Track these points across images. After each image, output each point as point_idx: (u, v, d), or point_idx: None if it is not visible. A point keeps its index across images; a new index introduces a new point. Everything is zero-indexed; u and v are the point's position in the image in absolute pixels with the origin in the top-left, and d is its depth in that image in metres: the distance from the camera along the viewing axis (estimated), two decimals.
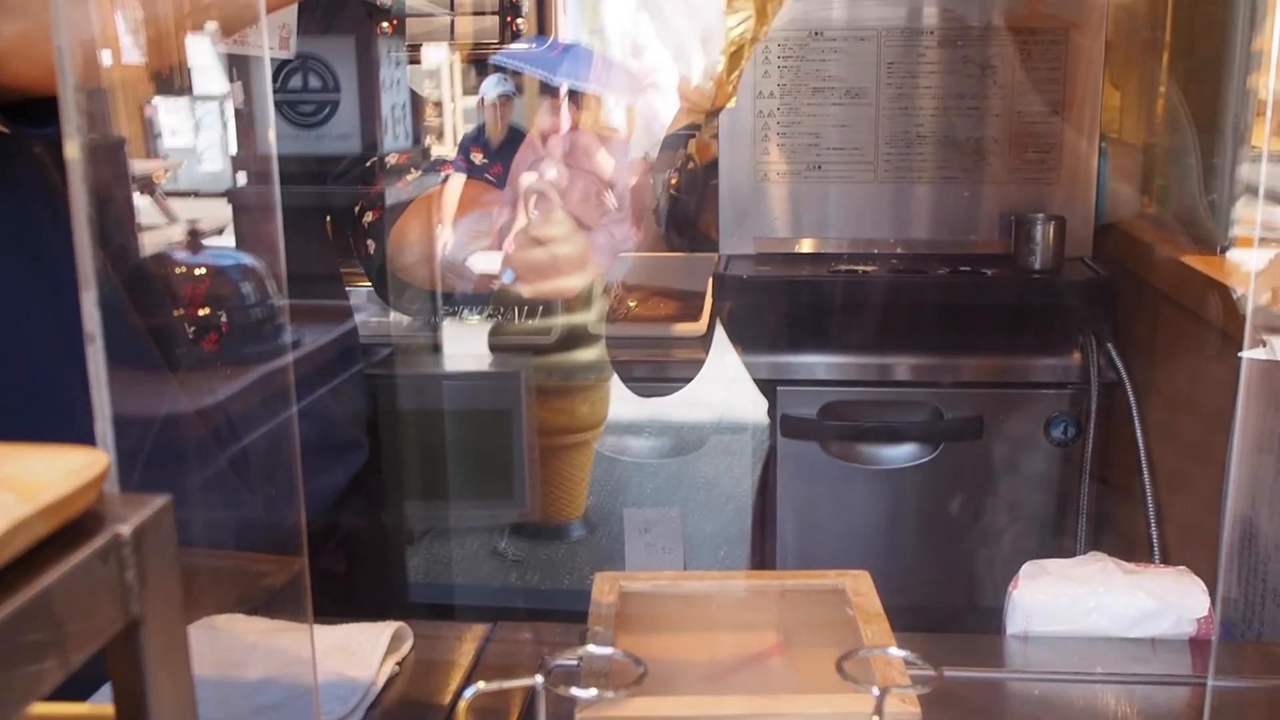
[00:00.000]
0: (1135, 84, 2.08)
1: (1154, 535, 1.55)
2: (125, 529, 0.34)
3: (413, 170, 1.34)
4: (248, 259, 0.69)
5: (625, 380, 1.80)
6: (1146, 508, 1.57)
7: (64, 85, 0.54)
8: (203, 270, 0.67)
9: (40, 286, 0.74)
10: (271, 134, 0.66)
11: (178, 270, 0.67)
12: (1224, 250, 1.50)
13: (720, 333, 1.78)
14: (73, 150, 0.55)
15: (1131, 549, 1.63)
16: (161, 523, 0.36)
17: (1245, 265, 1.44)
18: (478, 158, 5.17)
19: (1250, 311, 1.17)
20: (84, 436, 0.43)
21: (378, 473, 1.18)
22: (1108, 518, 1.74)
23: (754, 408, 1.77)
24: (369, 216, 1.20)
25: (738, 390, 1.74)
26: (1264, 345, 1.31)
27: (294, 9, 1.06)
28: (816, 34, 1.74)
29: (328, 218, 1.31)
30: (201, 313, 0.66)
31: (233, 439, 0.73)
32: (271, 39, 1.06)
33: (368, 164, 1.27)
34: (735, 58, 0.72)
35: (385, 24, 1.88)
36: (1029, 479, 1.72)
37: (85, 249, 0.54)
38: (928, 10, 1.75)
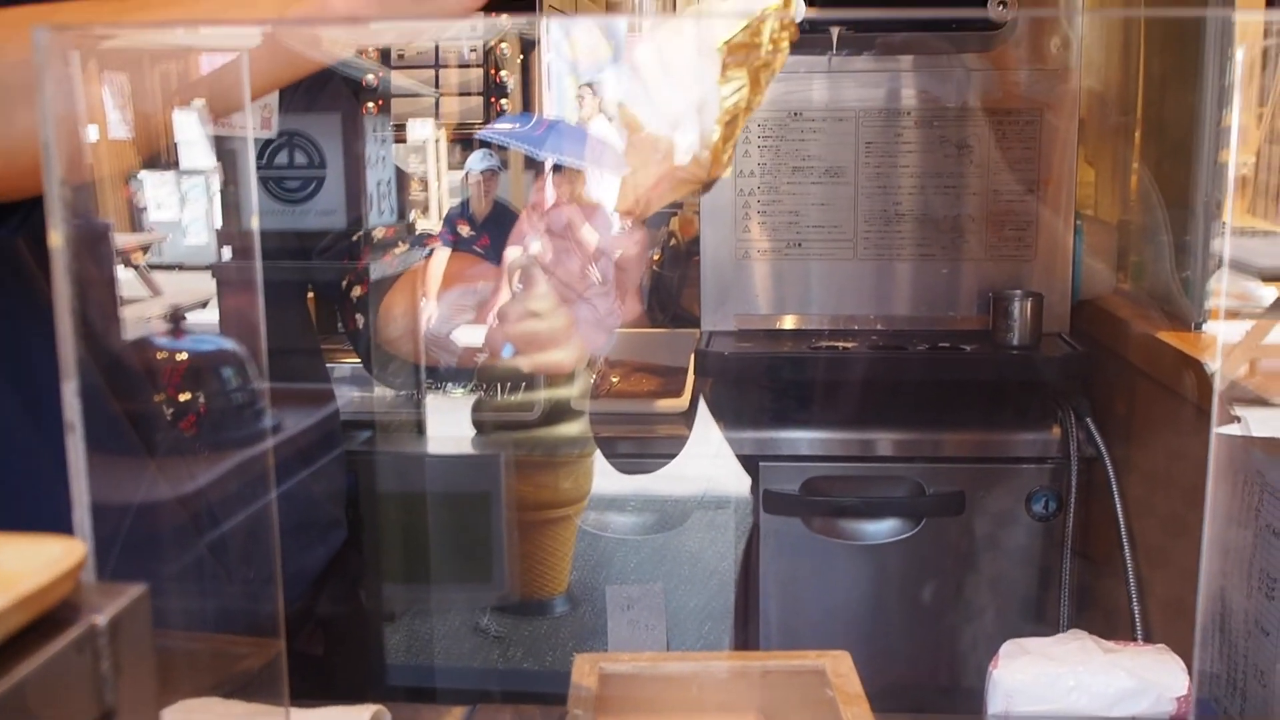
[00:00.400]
0: (1109, 162, 2.12)
1: (1136, 611, 1.55)
2: (101, 619, 0.34)
3: (400, 244, 1.35)
4: (228, 343, 0.70)
5: (608, 456, 1.81)
6: (1128, 583, 1.57)
7: (50, 181, 0.54)
8: (183, 355, 0.68)
9: (15, 372, 0.74)
10: (255, 220, 0.67)
11: (158, 355, 0.67)
12: (1198, 326, 1.52)
13: (703, 409, 1.79)
14: (56, 239, 0.56)
15: (1114, 624, 1.63)
16: (137, 612, 0.36)
17: (1218, 341, 1.46)
18: (464, 230, 5.21)
19: (1217, 388, 1.19)
20: (61, 520, 0.43)
21: (358, 552, 1.18)
22: (1090, 593, 1.74)
23: (737, 483, 1.77)
24: (357, 291, 1.21)
25: (720, 466, 1.75)
26: (1237, 421, 1.32)
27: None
28: (796, 114, 1.77)
29: (310, 294, 1.32)
30: (182, 397, 0.67)
31: (211, 524, 0.73)
32: (254, 118, 1.08)
33: (354, 238, 1.28)
34: (730, 127, 0.73)
35: (371, 104, 1.90)
36: (1011, 554, 1.72)
37: (68, 340, 0.55)
38: (905, 91, 1.79)
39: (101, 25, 0.62)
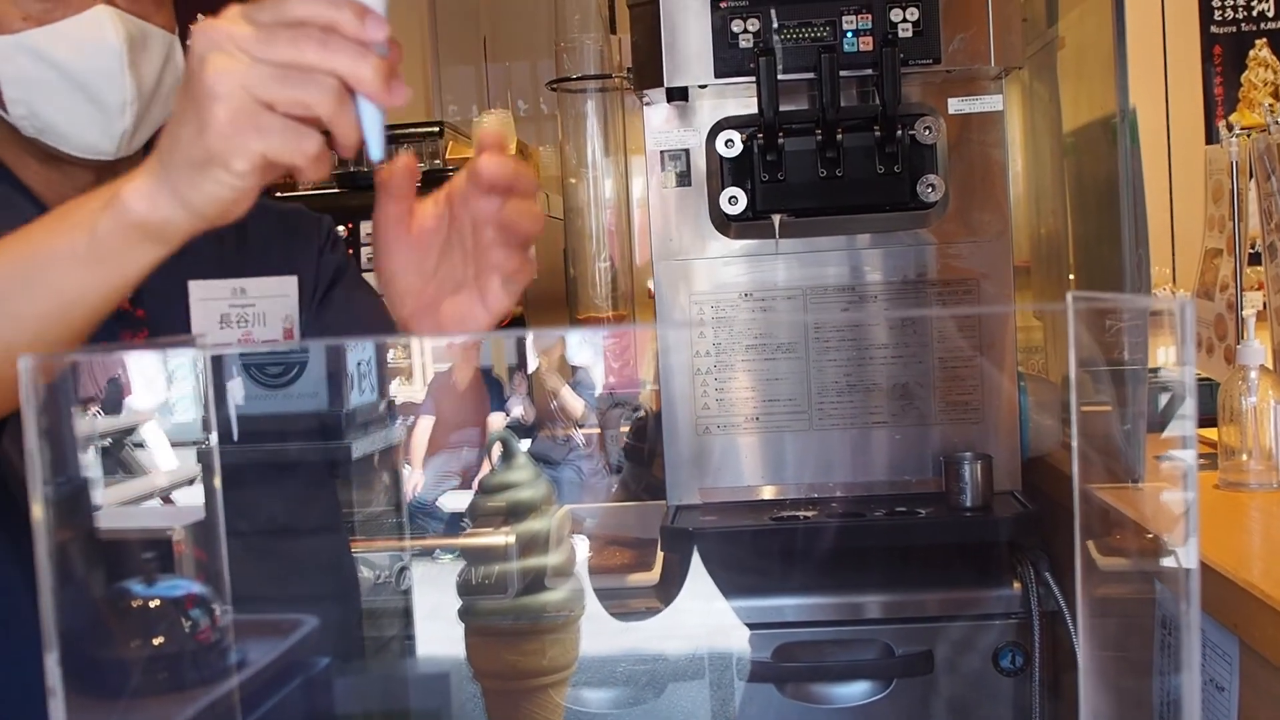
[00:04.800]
0: (1050, 317, 2.22)
1: None
2: None
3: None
4: (196, 587, 0.76)
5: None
6: None
7: (34, 480, 0.61)
8: (156, 602, 0.74)
9: None
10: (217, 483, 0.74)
11: (133, 604, 0.73)
12: (1135, 481, 1.59)
13: (671, 579, 1.84)
14: (38, 511, 0.62)
15: None
16: None
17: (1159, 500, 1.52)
18: (446, 399, 5.28)
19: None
20: None
21: None
22: None
23: (711, 652, 1.81)
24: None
25: (694, 636, 1.79)
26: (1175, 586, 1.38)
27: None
28: (746, 295, 1.87)
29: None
30: (155, 643, 0.73)
31: None
32: (276, 330, 1.15)
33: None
34: None
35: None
36: (981, 711, 1.75)
37: (49, 613, 0.61)
38: (849, 269, 1.89)
39: None
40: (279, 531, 1.21)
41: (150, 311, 1.07)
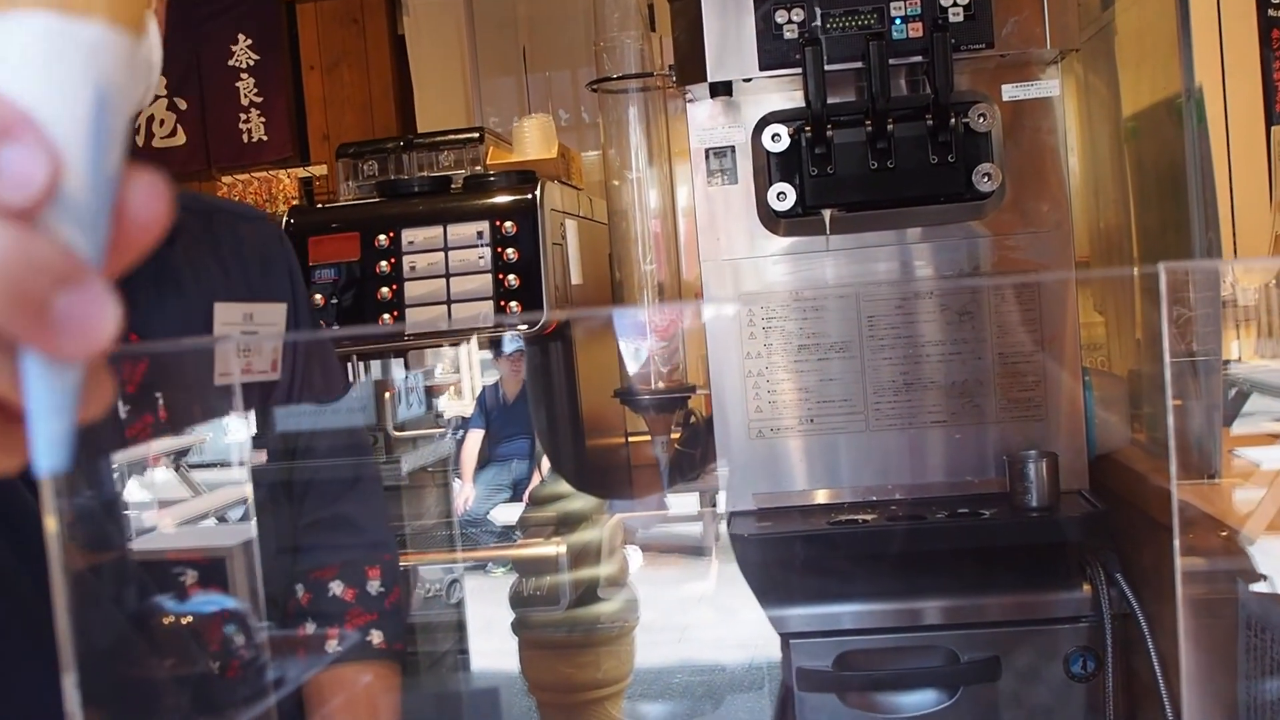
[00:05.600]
0: (1114, 312, 2.15)
1: None
2: None
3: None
4: (232, 602, 0.73)
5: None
6: None
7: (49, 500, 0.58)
8: (189, 619, 0.71)
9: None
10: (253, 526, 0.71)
11: (165, 621, 0.70)
12: (1211, 477, 1.52)
13: (726, 587, 1.79)
14: (52, 524, 0.59)
15: None
16: None
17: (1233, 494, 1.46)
18: (495, 412, 5.28)
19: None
20: None
21: None
22: None
23: (769, 662, 1.76)
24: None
25: (751, 645, 1.74)
26: (1263, 579, 1.31)
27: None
28: (798, 295, 1.82)
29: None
30: (186, 661, 0.70)
31: None
32: (266, 363, 1.12)
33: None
34: None
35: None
36: (1051, 717, 1.69)
37: (65, 634, 0.57)
38: (902, 264, 1.84)
39: None
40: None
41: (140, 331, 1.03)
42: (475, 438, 5.10)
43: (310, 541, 1.02)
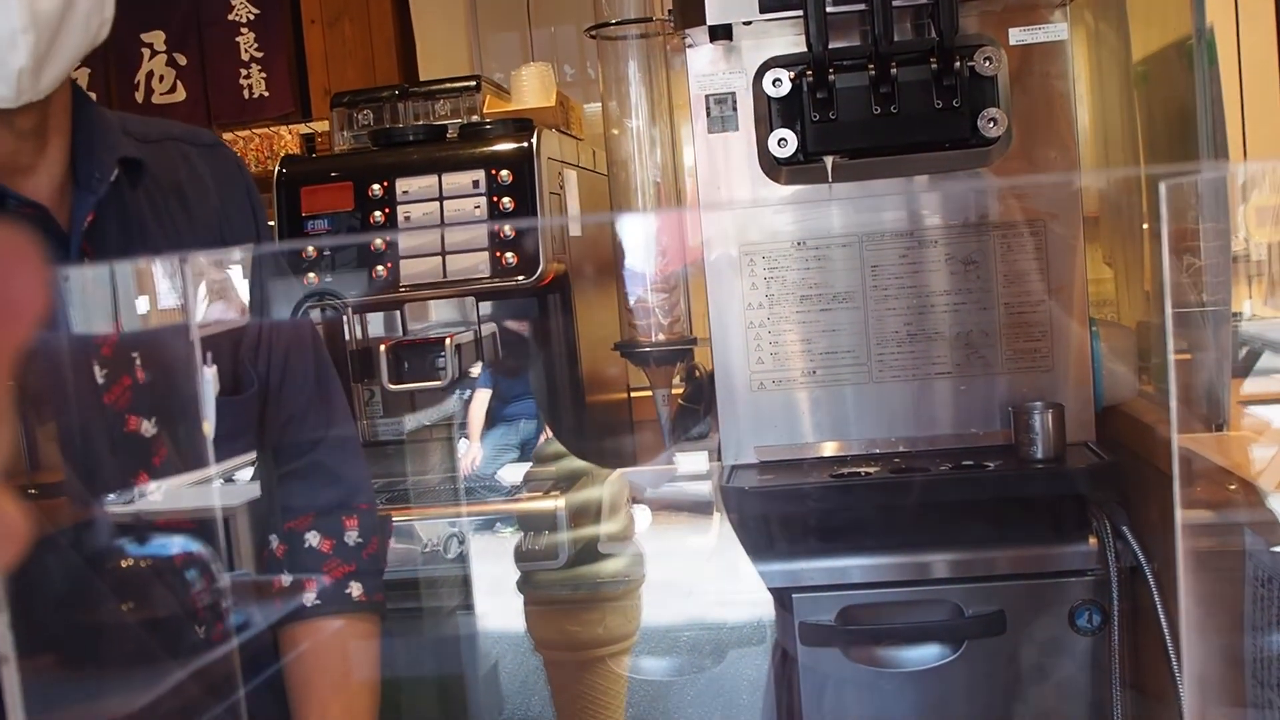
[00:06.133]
0: (1122, 262, 2.11)
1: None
2: None
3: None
4: (197, 546, 0.70)
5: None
6: (1179, 700, 1.52)
7: None
8: (147, 562, 0.68)
9: None
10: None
11: (123, 563, 0.68)
12: (1218, 428, 1.49)
13: (731, 543, 1.77)
14: None
15: None
16: None
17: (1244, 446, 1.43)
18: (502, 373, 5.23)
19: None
20: None
21: None
22: (1144, 704, 1.69)
23: (771, 617, 1.74)
24: None
25: (753, 600, 1.72)
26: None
27: None
28: (800, 244, 1.79)
29: None
30: (146, 604, 0.68)
31: None
32: (235, 310, 1.10)
33: None
34: None
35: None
36: (1058, 672, 1.67)
37: None
38: (906, 212, 1.80)
39: None
40: None
41: None
42: (483, 397, 5.06)
43: (285, 491, 1.00)
